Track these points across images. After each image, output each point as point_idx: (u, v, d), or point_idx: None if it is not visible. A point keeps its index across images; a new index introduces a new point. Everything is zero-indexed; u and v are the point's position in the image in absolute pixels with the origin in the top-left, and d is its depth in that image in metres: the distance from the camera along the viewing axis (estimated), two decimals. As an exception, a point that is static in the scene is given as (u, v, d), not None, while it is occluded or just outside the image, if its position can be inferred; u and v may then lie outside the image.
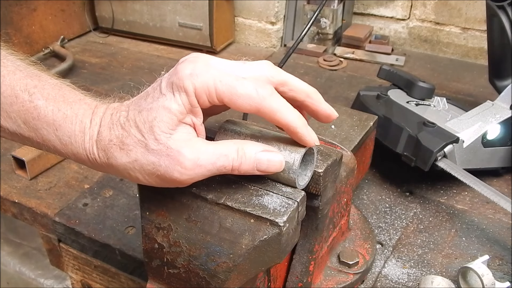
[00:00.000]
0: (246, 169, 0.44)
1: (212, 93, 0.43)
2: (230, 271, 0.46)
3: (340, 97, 1.18)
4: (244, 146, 0.44)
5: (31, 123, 0.46)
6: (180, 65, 0.44)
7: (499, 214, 0.81)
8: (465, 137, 0.82)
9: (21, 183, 0.89)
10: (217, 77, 0.43)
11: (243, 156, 0.44)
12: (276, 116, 0.44)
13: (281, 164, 0.45)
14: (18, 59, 0.48)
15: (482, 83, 1.19)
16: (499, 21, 0.89)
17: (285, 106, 0.44)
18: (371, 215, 0.81)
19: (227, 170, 0.44)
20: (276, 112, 0.43)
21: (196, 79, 0.42)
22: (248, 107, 0.43)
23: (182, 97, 0.43)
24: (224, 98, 0.43)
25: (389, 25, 1.47)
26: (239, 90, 0.42)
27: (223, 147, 0.44)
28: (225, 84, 0.42)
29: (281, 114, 0.44)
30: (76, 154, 0.47)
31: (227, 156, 0.43)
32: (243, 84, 0.43)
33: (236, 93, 0.43)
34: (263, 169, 0.45)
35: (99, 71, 1.34)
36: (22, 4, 1.33)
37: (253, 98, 0.43)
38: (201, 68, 0.43)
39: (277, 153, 0.45)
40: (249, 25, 1.47)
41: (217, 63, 0.45)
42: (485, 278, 0.63)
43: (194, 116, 0.44)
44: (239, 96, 0.43)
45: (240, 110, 0.44)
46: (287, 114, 0.44)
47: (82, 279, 0.88)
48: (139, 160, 0.44)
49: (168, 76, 0.44)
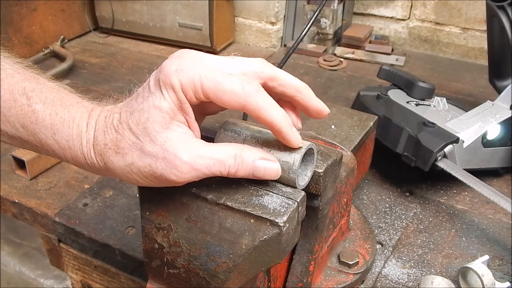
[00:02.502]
0: (242, 175, 0.45)
1: (198, 89, 0.42)
2: (230, 271, 0.46)
3: (340, 97, 1.18)
4: (242, 152, 0.44)
5: (30, 127, 0.46)
6: (166, 62, 0.43)
7: (499, 214, 0.81)
8: (465, 137, 0.82)
9: (21, 183, 0.89)
10: (203, 73, 0.42)
11: (240, 163, 0.44)
12: (261, 114, 0.42)
13: (277, 172, 0.45)
14: (15, 62, 0.48)
15: (482, 83, 1.19)
16: (499, 21, 0.89)
17: (271, 104, 0.43)
18: (371, 215, 0.81)
19: (222, 174, 0.44)
20: (261, 109, 0.42)
21: (182, 74, 0.42)
22: (233, 103, 0.42)
23: (170, 94, 0.42)
24: (210, 94, 0.42)
25: (389, 25, 1.47)
26: (224, 86, 0.42)
27: (221, 152, 0.43)
28: (211, 79, 0.42)
29: (266, 112, 0.43)
30: (75, 158, 0.46)
31: (224, 161, 0.43)
32: (229, 79, 0.42)
33: (221, 89, 0.42)
34: (259, 176, 0.45)
35: (99, 71, 1.34)
36: (22, 4, 1.33)
37: (239, 94, 0.42)
38: (188, 63, 0.43)
39: (274, 161, 0.45)
40: (249, 25, 1.47)
41: (204, 58, 0.44)
42: (485, 278, 0.63)
43: (184, 113, 0.43)
44: (224, 92, 0.42)
45: (226, 106, 0.43)
46: (272, 112, 0.43)
47: (82, 279, 0.88)
48: (135, 163, 0.43)
49: (155, 74, 0.44)
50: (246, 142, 0.47)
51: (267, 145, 0.47)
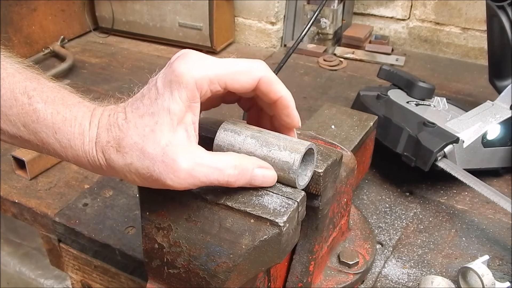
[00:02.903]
0: (240, 184, 0.45)
1: (213, 80, 0.43)
2: (230, 271, 0.46)
3: (340, 97, 1.18)
4: (241, 162, 0.45)
5: (31, 126, 0.46)
6: (174, 63, 0.44)
7: (499, 214, 0.81)
8: (465, 137, 0.82)
9: (21, 183, 0.89)
10: (214, 65, 0.44)
11: (240, 173, 0.45)
12: (273, 87, 0.46)
13: (274, 180, 0.47)
14: (16, 61, 0.48)
15: (482, 83, 1.19)
16: (499, 21, 0.89)
17: (280, 81, 0.47)
18: (371, 215, 0.81)
19: (220, 184, 0.44)
20: (274, 83, 0.46)
21: (194, 71, 0.43)
22: (250, 81, 0.45)
23: (181, 94, 0.43)
24: (226, 80, 0.44)
25: (389, 25, 1.47)
26: (238, 68, 0.44)
27: (220, 162, 0.44)
28: (223, 67, 0.44)
29: (278, 86, 0.46)
30: (76, 157, 0.46)
31: (223, 171, 0.44)
32: (240, 62, 0.45)
33: (236, 71, 0.44)
34: (256, 185, 0.46)
35: (99, 71, 1.34)
36: (22, 4, 1.33)
37: (253, 71, 0.45)
38: (196, 61, 0.44)
39: (271, 169, 0.46)
40: (249, 25, 1.47)
41: (208, 56, 0.46)
42: (485, 278, 0.63)
43: (192, 113, 0.44)
44: (240, 73, 0.44)
45: (242, 88, 0.45)
46: (282, 87, 0.47)
47: (82, 279, 0.88)
48: (134, 164, 0.44)
49: (163, 75, 0.44)
50: (246, 142, 0.47)
51: (267, 145, 0.47)
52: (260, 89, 0.46)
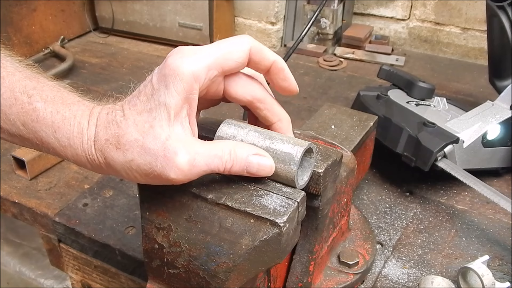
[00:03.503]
0: (236, 170, 0.45)
1: (210, 66, 0.44)
2: (230, 271, 0.46)
3: (340, 97, 1.18)
4: (236, 147, 0.45)
5: (30, 125, 0.46)
6: (169, 58, 0.44)
7: (499, 214, 0.81)
8: (465, 137, 0.82)
9: (21, 183, 0.89)
10: (206, 53, 0.44)
11: (234, 158, 0.45)
12: (264, 53, 0.47)
13: (271, 169, 0.46)
14: (16, 60, 0.48)
15: (482, 83, 1.19)
16: (499, 21, 0.89)
17: (269, 49, 0.48)
18: (371, 215, 0.81)
19: (220, 171, 0.45)
20: (264, 50, 0.47)
21: (190, 63, 0.43)
22: (242, 54, 0.46)
23: (177, 87, 0.43)
24: (221, 62, 0.45)
25: (389, 25, 1.47)
26: (227, 47, 0.45)
27: (217, 148, 0.44)
28: (215, 51, 0.44)
29: (269, 52, 0.48)
30: (75, 156, 0.46)
31: (221, 157, 0.44)
32: (227, 41, 0.46)
33: (226, 51, 0.45)
34: (253, 172, 0.46)
35: (99, 71, 1.34)
36: (22, 4, 1.33)
37: (241, 45, 0.46)
38: (190, 54, 0.44)
39: (268, 158, 0.46)
40: (249, 25, 1.47)
41: (199, 47, 0.46)
42: (485, 278, 0.63)
43: (189, 105, 0.44)
44: (231, 51, 0.45)
45: (237, 64, 0.45)
46: (273, 53, 0.48)
47: (82, 279, 0.88)
48: (135, 160, 0.44)
49: (158, 71, 0.44)
50: (249, 134, 0.47)
51: (270, 138, 0.47)
52: (252, 59, 0.46)
